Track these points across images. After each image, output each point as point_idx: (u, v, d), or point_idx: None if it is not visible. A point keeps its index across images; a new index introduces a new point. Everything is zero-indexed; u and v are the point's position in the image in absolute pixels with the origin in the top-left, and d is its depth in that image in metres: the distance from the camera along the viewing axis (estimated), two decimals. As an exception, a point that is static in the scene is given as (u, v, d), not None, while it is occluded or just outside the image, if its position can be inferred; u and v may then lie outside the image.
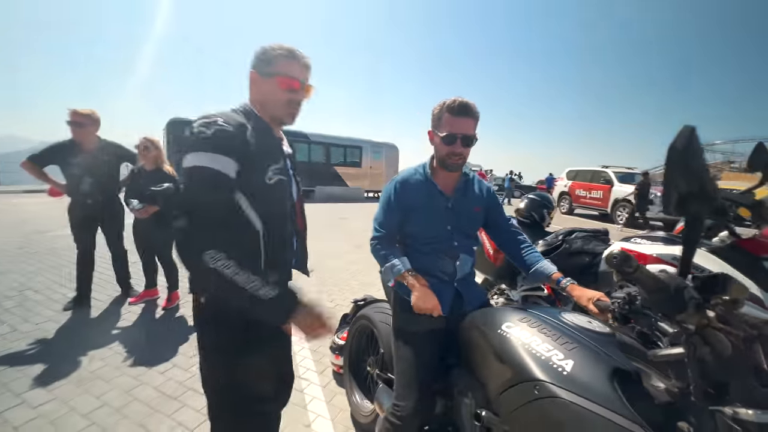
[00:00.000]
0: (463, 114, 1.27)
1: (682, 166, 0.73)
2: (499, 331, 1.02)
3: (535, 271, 1.37)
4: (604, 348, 0.86)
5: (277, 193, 1.07)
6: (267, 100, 1.07)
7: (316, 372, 2.37)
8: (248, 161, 0.96)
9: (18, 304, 3.11)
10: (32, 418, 1.81)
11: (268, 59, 1.04)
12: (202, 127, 0.91)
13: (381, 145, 16.86)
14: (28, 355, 2.37)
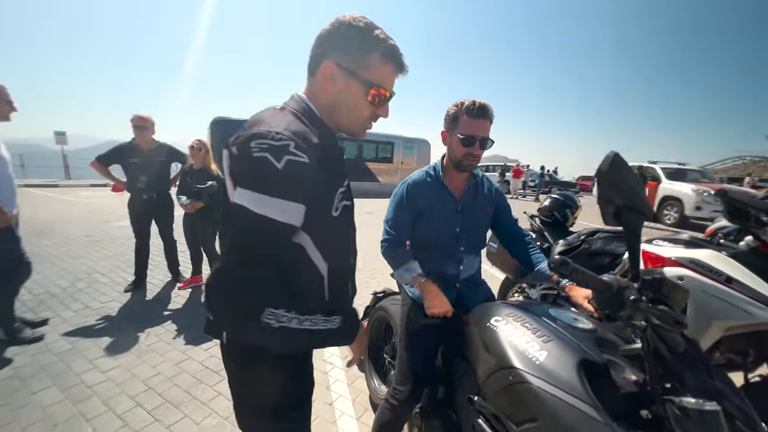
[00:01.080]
0: (481, 116, 1.29)
1: (611, 184, 0.83)
2: (488, 324, 1.13)
3: (536, 271, 1.40)
4: (580, 342, 0.95)
5: (343, 225, 0.89)
6: (342, 107, 0.83)
7: (340, 357, 2.56)
8: (315, 197, 0.76)
9: (88, 285, 3.60)
10: (101, 381, 2.15)
11: (361, 53, 0.78)
12: (269, 155, 0.67)
13: (413, 141, 16.87)
14: (97, 329, 2.77)
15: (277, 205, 0.69)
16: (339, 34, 0.78)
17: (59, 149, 13.90)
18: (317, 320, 0.75)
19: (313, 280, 0.84)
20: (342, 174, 0.87)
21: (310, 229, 0.78)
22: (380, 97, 0.83)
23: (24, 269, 2.51)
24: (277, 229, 0.71)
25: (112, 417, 1.86)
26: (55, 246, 4.92)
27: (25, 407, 1.89)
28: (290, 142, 0.69)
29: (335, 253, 0.87)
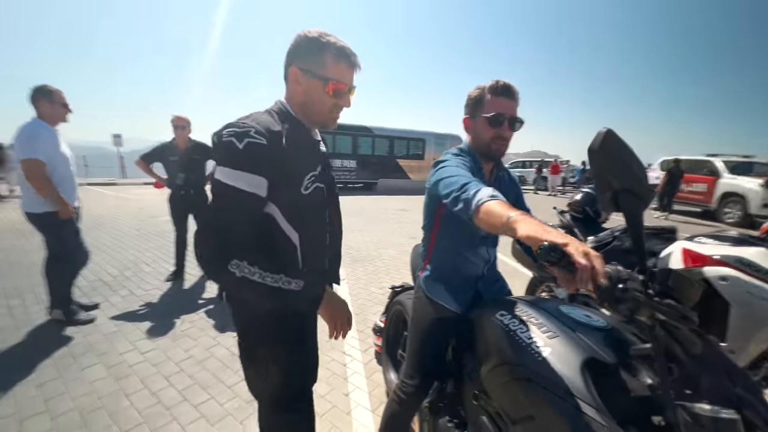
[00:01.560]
0: (507, 95, 1.19)
1: (605, 165, 0.74)
2: (493, 318, 1.08)
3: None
4: (589, 340, 0.88)
5: (314, 202, 1.01)
6: (310, 102, 0.98)
7: (360, 350, 2.59)
8: (282, 174, 0.90)
9: (134, 274, 3.91)
10: (140, 361, 2.33)
11: (315, 57, 0.93)
12: (234, 138, 0.84)
13: (444, 137, 16.59)
14: (140, 314, 3.01)
15: (241, 177, 0.85)
16: (299, 44, 0.95)
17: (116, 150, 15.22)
18: (279, 279, 0.87)
19: (286, 247, 0.99)
20: (315, 162, 1.02)
21: (278, 202, 0.94)
22: (338, 90, 0.96)
23: (82, 257, 2.78)
24: (242, 197, 0.86)
25: (147, 394, 2.02)
26: (109, 238, 5.41)
27: (76, 381, 2.11)
28: (251, 128, 0.86)
29: (306, 226, 1.01)
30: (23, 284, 3.48)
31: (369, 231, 6.64)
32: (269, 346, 1.06)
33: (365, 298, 3.53)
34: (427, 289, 1.44)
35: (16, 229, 5.68)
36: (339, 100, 0.98)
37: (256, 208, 0.90)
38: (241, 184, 0.85)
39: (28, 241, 4.98)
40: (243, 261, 0.84)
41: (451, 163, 1.22)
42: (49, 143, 2.45)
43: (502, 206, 0.87)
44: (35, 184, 2.38)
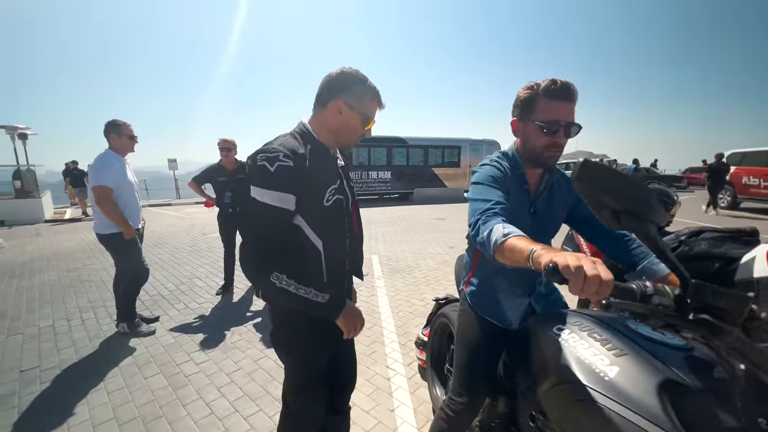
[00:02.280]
0: (565, 97, 1.07)
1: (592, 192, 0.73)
2: (549, 333, 1.00)
3: (640, 270, 1.12)
4: (664, 360, 0.77)
5: (335, 212, 1.15)
6: (345, 130, 1.15)
7: (403, 364, 2.54)
8: (307, 190, 1.05)
9: (189, 288, 4.18)
10: (195, 371, 2.46)
11: (361, 96, 1.11)
12: (266, 162, 0.99)
13: (480, 143, 16.24)
14: (194, 326, 3.19)
15: (274, 196, 1.00)
16: (347, 82, 1.11)
17: (171, 173, 16.59)
18: (309, 291, 1.04)
19: (312, 252, 1.13)
20: (334, 176, 1.16)
21: (304, 213, 1.08)
22: (369, 125, 1.19)
23: (144, 274, 3.02)
24: (276, 213, 1.01)
25: (201, 404, 2.11)
26: (166, 254, 5.84)
27: (140, 390, 2.26)
28: (280, 152, 1.00)
29: (328, 233, 1.15)
30: (95, 299, 3.84)
31: (407, 241, 6.60)
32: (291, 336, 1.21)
33: (407, 311, 3.48)
34: (473, 303, 1.37)
35: (88, 249, 6.33)
36: (366, 132, 1.21)
37: (286, 220, 1.05)
38: (274, 201, 1.01)
39: (98, 260, 5.52)
40: (282, 274, 1.02)
41: (480, 177, 1.15)
42: (118, 172, 2.73)
43: (520, 242, 0.84)
44: (103, 208, 2.65)
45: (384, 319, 3.28)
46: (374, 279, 4.46)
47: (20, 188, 10.54)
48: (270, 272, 1.01)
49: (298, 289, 1.03)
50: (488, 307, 1.32)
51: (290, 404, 1.28)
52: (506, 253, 0.87)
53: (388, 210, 11.67)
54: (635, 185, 0.72)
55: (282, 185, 1.00)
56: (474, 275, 1.41)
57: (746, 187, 10.13)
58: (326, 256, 1.15)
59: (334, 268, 1.19)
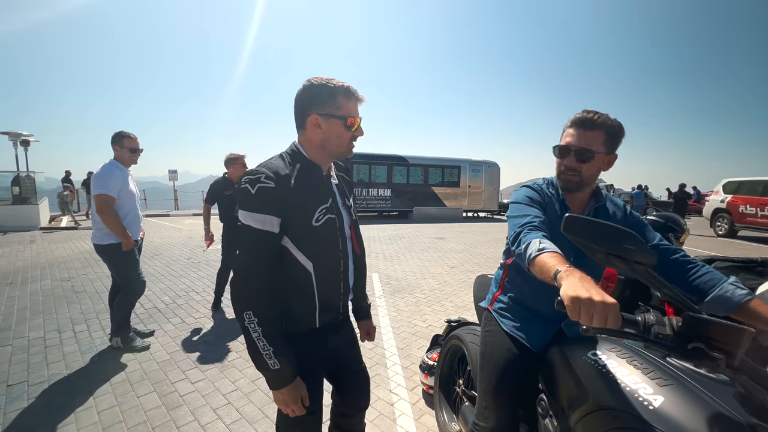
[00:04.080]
0: (582, 126, 1.17)
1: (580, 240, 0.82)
2: (584, 358, 0.97)
3: (713, 299, 1.01)
4: (711, 393, 0.74)
5: (326, 232, 1.10)
6: (330, 141, 1.09)
7: (406, 388, 2.45)
8: (291, 210, 1.02)
9: (185, 302, 4.08)
10: (191, 391, 2.36)
11: (330, 100, 1.05)
12: (248, 185, 0.98)
13: (480, 164, 16.42)
14: (190, 342, 3.10)
15: (254, 217, 0.99)
16: (311, 93, 1.06)
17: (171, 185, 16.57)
18: (268, 348, 0.99)
19: (301, 275, 1.09)
20: (325, 195, 1.13)
21: (291, 235, 1.05)
22: (354, 124, 1.09)
23: (140, 286, 2.95)
24: (260, 235, 0.99)
25: (196, 427, 2.02)
26: (163, 266, 5.75)
27: (132, 409, 2.16)
28: (261, 174, 0.99)
29: (319, 254, 1.10)
30: (89, 311, 3.74)
31: (407, 260, 6.54)
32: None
33: (409, 332, 3.40)
34: (502, 321, 1.35)
35: (83, 258, 6.22)
36: (355, 132, 1.12)
37: (270, 242, 1.02)
38: (257, 224, 0.99)
39: (93, 270, 5.42)
40: (256, 316, 0.99)
41: (518, 197, 1.26)
42: (121, 181, 2.72)
43: (552, 259, 0.88)
44: (104, 217, 2.61)
45: (386, 340, 3.20)
46: (375, 298, 4.38)
47: (18, 194, 10.46)
48: (246, 308, 0.99)
49: (259, 339, 0.99)
50: (517, 325, 1.29)
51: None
52: (537, 268, 0.92)
53: (388, 227, 11.64)
54: (613, 231, 0.79)
55: (263, 207, 0.98)
56: (502, 293, 1.39)
57: (743, 216, 10.23)
58: (318, 279, 1.10)
59: (327, 291, 1.14)
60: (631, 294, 2.14)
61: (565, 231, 0.81)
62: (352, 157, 1.17)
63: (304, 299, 1.11)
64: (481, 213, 17.16)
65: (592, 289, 0.71)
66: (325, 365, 1.25)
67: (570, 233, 0.80)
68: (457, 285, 5.04)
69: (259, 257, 1.01)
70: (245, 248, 1.01)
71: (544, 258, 0.89)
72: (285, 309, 1.11)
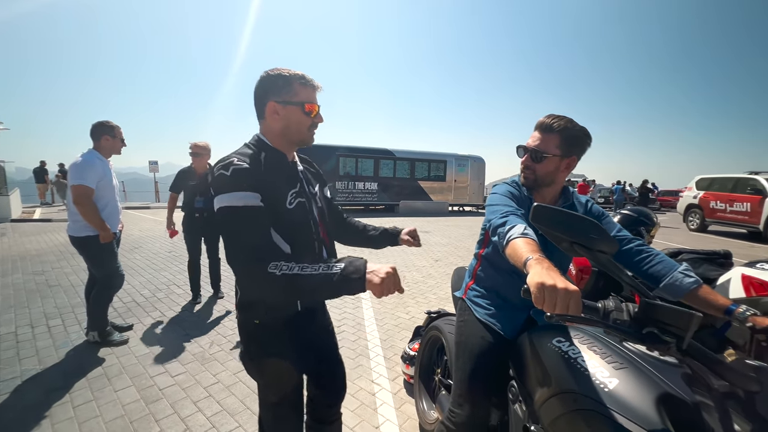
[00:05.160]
0: (541, 129, 1.26)
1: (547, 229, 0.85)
2: (549, 344, 1.02)
3: (664, 287, 1.09)
4: (661, 375, 0.80)
5: (299, 216, 1.13)
6: (290, 126, 1.11)
7: (388, 379, 2.50)
8: (268, 192, 1.02)
9: (166, 296, 4.01)
10: (171, 384, 2.34)
11: (286, 88, 1.07)
12: (222, 170, 0.98)
13: (466, 158, 16.57)
14: (171, 335, 3.05)
15: (236, 196, 0.96)
16: (268, 83, 1.08)
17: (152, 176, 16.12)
18: (318, 267, 0.91)
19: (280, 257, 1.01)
20: (294, 180, 1.16)
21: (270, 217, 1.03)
22: (312, 110, 1.11)
23: (118, 280, 2.88)
24: (246, 212, 0.96)
25: (176, 420, 2.01)
26: (143, 260, 5.62)
27: (109, 404, 2.12)
28: (233, 158, 1.01)
29: (295, 236, 1.12)
30: (64, 305, 3.63)
31: (392, 253, 6.58)
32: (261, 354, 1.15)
33: (392, 324, 3.45)
34: (475, 309, 1.40)
35: (58, 251, 6.02)
36: (314, 118, 1.14)
37: (258, 215, 0.99)
38: (239, 202, 0.97)
39: (69, 263, 5.25)
40: (280, 261, 0.93)
41: (500, 190, 1.32)
42: (101, 172, 2.63)
43: (527, 245, 0.90)
44: (81, 209, 2.53)
45: (369, 332, 3.23)
46: (359, 290, 4.41)
47: (-13, 185, 9.99)
48: (265, 265, 0.91)
49: (304, 268, 0.90)
50: (490, 312, 1.34)
51: (267, 428, 1.23)
52: (511, 250, 0.95)
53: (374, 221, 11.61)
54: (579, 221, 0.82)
55: (242, 185, 0.97)
56: (475, 282, 1.44)
57: (713, 211, 10.68)
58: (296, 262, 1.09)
59: None
60: (604, 285, 2.23)
61: (533, 220, 0.84)
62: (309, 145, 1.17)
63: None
64: (466, 207, 17.36)
65: (557, 277, 0.74)
66: (308, 350, 1.26)
67: (537, 222, 0.83)
68: (440, 278, 5.11)
69: (253, 234, 0.97)
70: (234, 233, 0.96)
71: (521, 242, 0.92)
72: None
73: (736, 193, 10.10)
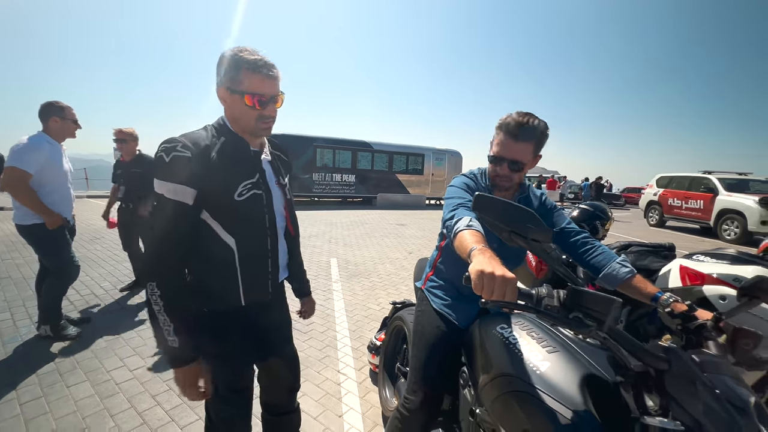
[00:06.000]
0: (515, 137, 1.19)
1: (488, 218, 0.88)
2: (493, 331, 1.07)
3: (603, 277, 1.15)
4: (590, 357, 0.86)
5: (250, 208, 1.08)
6: (238, 116, 1.05)
7: (354, 368, 2.53)
8: (210, 183, 0.98)
9: (113, 287, 3.86)
10: (128, 378, 2.27)
11: (233, 73, 0.99)
12: (163, 153, 0.94)
13: (443, 152, 16.75)
14: (131, 329, 2.94)
15: (167, 187, 0.95)
16: (220, 64, 1.01)
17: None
18: (168, 324, 0.96)
19: (223, 251, 1.06)
20: (251, 170, 1.09)
21: (211, 209, 1.02)
22: (258, 101, 1.02)
23: (73, 271, 2.73)
24: (171, 205, 0.95)
25: (133, 414, 1.95)
26: (104, 251, 5.36)
27: (60, 399, 2.04)
28: (178, 143, 0.95)
29: (242, 231, 1.07)
30: (14, 298, 3.42)
31: (367, 246, 6.61)
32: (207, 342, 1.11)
33: (362, 315, 3.48)
34: (432, 300, 1.43)
35: (8, 242, 5.64)
36: (262, 111, 1.04)
37: (182, 213, 0.97)
38: (169, 193, 0.95)
39: (20, 254, 4.93)
40: (156, 287, 0.95)
41: (456, 182, 1.33)
42: (49, 157, 2.45)
43: (472, 237, 0.93)
44: (15, 194, 2.36)
45: (338, 323, 3.25)
46: (332, 282, 4.40)
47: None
48: (150, 278, 0.96)
49: (160, 312, 0.96)
50: (446, 303, 1.38)
51: (213, 414, 1.22)
52: (458, 242, 0.97)
53: (351, 213, 11.62)
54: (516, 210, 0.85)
55: (176, 176, 0.94)
56: (434, 274, 1.47)
57: (671, 208, 11.37)
58: (241, 256, 1.08)
59: (251, 269, 1.12)
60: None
61: (474, 209, 0.86)
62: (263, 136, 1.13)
63: (227, 276, 1.08)
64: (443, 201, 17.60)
65: (497, 266, 0.76)
66: (254, 344, 1.25)
67: (478, 211, 0.85)
68: (413, 270, 5.18)
69: (169, 228, 0.97)
70: (155, 217, 0.98)
71: (467, 234, 0.95)
72: (206, 286, 1.08)
73: (691, 191, 10.79)
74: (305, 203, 14.26)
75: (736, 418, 0.60)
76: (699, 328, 0.86)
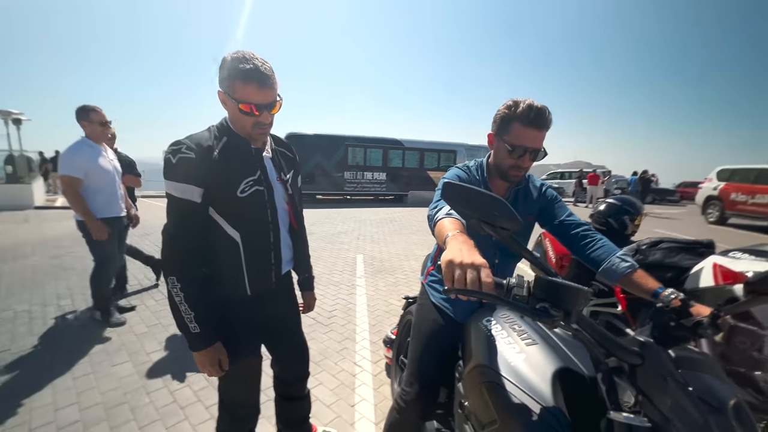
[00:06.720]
0: (537, 125, 1.13)
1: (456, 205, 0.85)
2: (480, 324, 1.07)
3: (602, 271, 1.11)
4: (571, 351, 0.83)
5: (252, 204, 1.14)
6: (235, 121, 1.11)
7: (370, 361, 2.57)
8: (215, 181, 1.05)
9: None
10: (165, 361, 2.48)
11: (229, 82, 1.03)
12: (170, 155, 1.02)
13: (477, 148, 16.33)
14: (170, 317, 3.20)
15: (175, 186, 1.03)
16: (221, 69, 1.05)
17: (167, 166, 16.54)
18: (189, 313, 1.05)
19: (229, 245, 1.14)
20: (253, 168, 1.15)
21: (216, 205, 1.10)
22: (248, 110, 1.05)
23: (112, 263, 3.01)
24: (181, 204, 1.03)
25: (166, 392, 2.14)
26: (153, 245, 5.88)
27: (107, 377, 2.28)
28: (183, 145, 1.03)
29: (245, 225, 1.14)
30: (75, 286, 3.85)
31: (394, 242, 6.64)
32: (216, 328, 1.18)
33: (383, 310, 3.52)
34: (431, 294, 1.43)
35: (76, 237, 6.30)
36: (258, 118, 1.08)
37: (192, 211, 1.05)
38: (177, 192, 1.03)
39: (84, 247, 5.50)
40: (177, 281, 1.04)
41: (447, 176, 1.33)
42: (89, 159, 2.67)
43: (450, 224, 0.92)
44: (67, 198, 2.65)
45: (359, 317, 3.32)
46: (356, 278, 4.49)
47: (12, 173, 10.49)
48: (170, 273, 1.05)
49: (182, 303, 1.05)
50: (445, 298, 1.38)
51: (224, 397, 1.31)
52: (437, 231, 0.96)
53: (381, 211, 11.71)
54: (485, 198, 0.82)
55: (183, 176, 1.02)
56: (435, 268, 1.47)
57: (734, 203, 10.27)
58: (245, 249, 1.15)
59: (255, 261, 1.19)
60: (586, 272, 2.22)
61: (443, 198, 0.85)
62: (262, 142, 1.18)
63: (234, 268, 1.16)
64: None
65: (466, 253, 0.72)
66: (260, 332, 1.33)
67: (447, 199, 0.84)
68: (438, 267, 5.14)
69: (181, 224, 1.06)
70: (169, 216, 1.06)
71: (445, 222, 0.93)
72: (217, 276, 1.17)
73: (758, 184, 9.67)
74: (337, 201, 14.57)
75: (706, 417, 0.56)
76: (696, 325, 0.80)
